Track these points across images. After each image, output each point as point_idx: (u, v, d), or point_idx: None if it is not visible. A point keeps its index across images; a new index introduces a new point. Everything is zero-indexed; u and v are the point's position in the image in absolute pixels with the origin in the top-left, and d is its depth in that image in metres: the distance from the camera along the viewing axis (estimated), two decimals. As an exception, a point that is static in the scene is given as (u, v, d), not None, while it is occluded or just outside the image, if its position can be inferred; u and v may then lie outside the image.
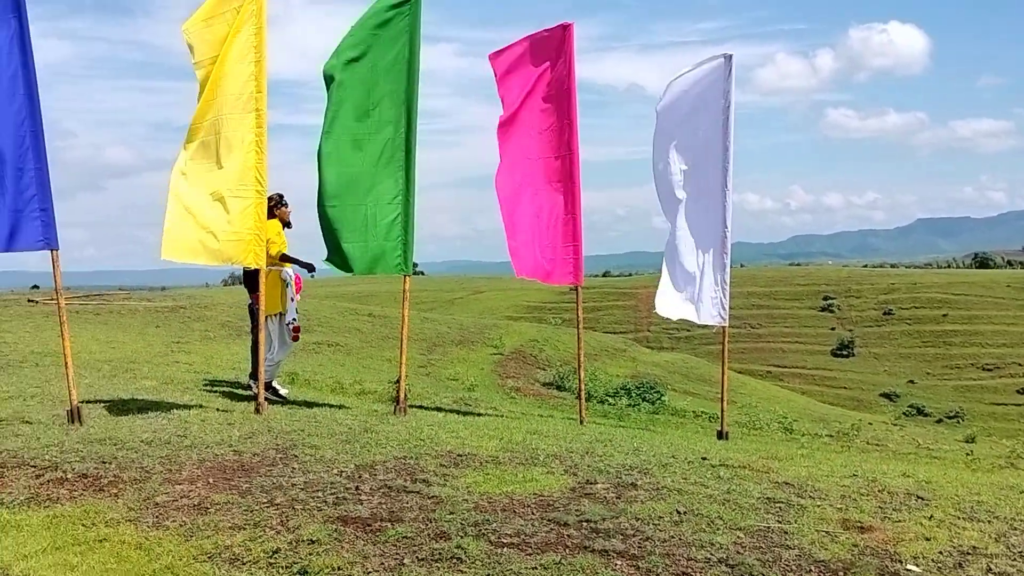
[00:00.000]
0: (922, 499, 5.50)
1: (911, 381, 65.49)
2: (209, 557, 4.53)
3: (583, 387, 10.36)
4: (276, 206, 9.59)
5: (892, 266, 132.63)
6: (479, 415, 9.95)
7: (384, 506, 5.07)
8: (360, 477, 5.66)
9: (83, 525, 5.06)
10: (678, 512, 4.98)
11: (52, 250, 7.73)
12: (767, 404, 25.72)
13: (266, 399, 9.27)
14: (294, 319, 9.77)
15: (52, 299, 25.46)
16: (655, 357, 31.10)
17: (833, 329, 76.29)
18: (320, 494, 5.29)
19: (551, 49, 9.51)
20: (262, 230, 8.41)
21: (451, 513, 4.91)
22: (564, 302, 74.52)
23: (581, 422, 9.61)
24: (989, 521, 5.06)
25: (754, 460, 6.52)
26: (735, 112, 9.66)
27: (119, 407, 8.59)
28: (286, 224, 9.85)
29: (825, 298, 79.78)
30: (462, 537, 4.56)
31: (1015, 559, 4.41)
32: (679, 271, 9.81)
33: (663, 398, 19.48)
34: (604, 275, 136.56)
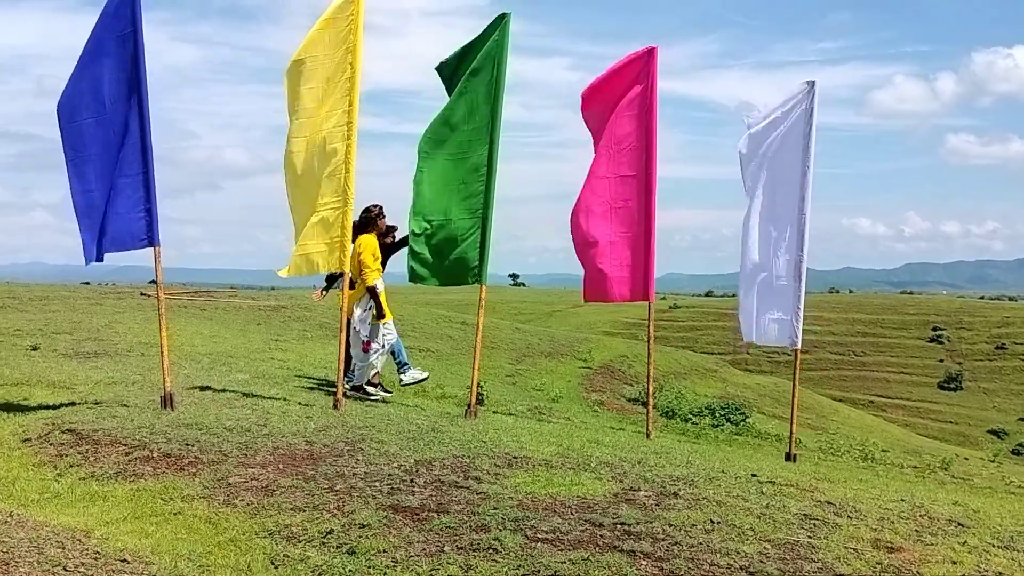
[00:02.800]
0: (962, 526, 5.57)
1: (1022, 419, 63.02)
2: (269, 534, 4.94)
3: (651, 401, 10.51)
4: (379, 216, 10.05)
5: (1010, 299, 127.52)
6: (549, 423, 10.25)
7: (434, 498, 5.42)
8: (417, 471, 6.03)
9: (162, 499, 5.55)
10: (712, 521, 5.19)
11: (155, 247, 8.35)
12: (858, 433, 25.28)
13: (351, 396, 9.83)
14: (367, 336, 10.22)
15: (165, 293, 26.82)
16: (747, 379, 30.85)
17: (941, 361, 73.99)
18: (377, 484, 5.67)
19: (636, 72, 9.77)
20: (347, 238, 8.89)
21: (494, 508, 5.22)
22: (662, 320, 74.15)
23: (648, 436, 9.80)
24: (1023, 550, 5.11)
25: (803, 480, 6.64)
26: (816, 137, 9.76)
27: (210, 396, 9.17)
28: (384, 235, 10.28)
29: (934, 328, 77.43)
30: (500, 530, 4.87)
31: (1039, 587, 4.49)
32: (755, 293, 9.93)
33: (747, 420, 19.41)
34: (707, 295, 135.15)
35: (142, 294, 25.49)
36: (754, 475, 6.64)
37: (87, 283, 39.53)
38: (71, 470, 6.25)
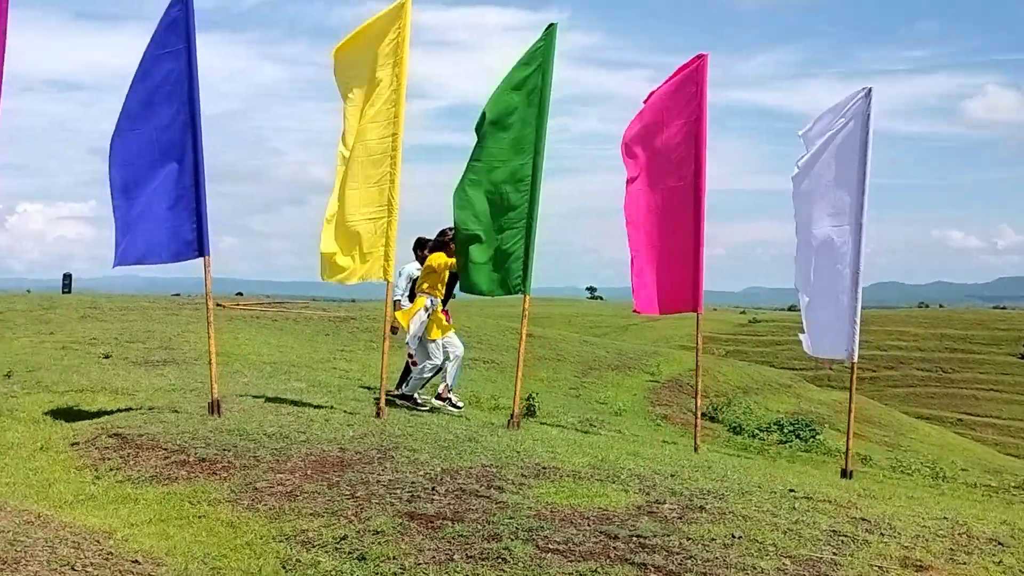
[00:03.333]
0: (1002, 545, 5.33)
1: (1120, 439, 60.27)
2: (286, 538, 4.99)
3: (699, 413, 10.34)
4: (453, 240, 10.00)
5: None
6: (596, 435, 10.15)
7: (452, 507, 5.40)
8: (440, 480, 6.02)
9: (190, 502, 5.65)
10: (733, 536, 5.06)
11: (204, 257, 8.54)
12: (937, 451, 24.49)
13: (401, 404, 9.98)
14: (413, 352, 10.58)
15: (239, 304, 27.39)
16: (822, 395, 30.13)
17: (1034, 378, 71.22)
18: (398, 491, 5.68)
19: (686, 80, 9.67)
20: (391, 247, 8.97)
21: (510, 518, 5.18)
22: (741, 334, 73.04)
23: (695, 450, 9.64)
24: (1064, 573, 4.88)
25: (844, 496, 6.45)
26: (872, 144, 9.53)
27: (260, 404, 9.33)
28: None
29: (1027, 345, 74.57)
30: (512, 540, 4.83)
31: (1072, 611, 4.27)
32: (812, 304, 9.73)
33: (817, 436, 18.93)
34: (789, 309, 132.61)
35: (218, 305, 26.08)
36: (792, 490, 6.46)
37: (177, 295, 40.67)
38: (109, 473, 6.41)
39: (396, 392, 10.92)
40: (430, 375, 10.72)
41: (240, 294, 39.46)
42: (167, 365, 13.79)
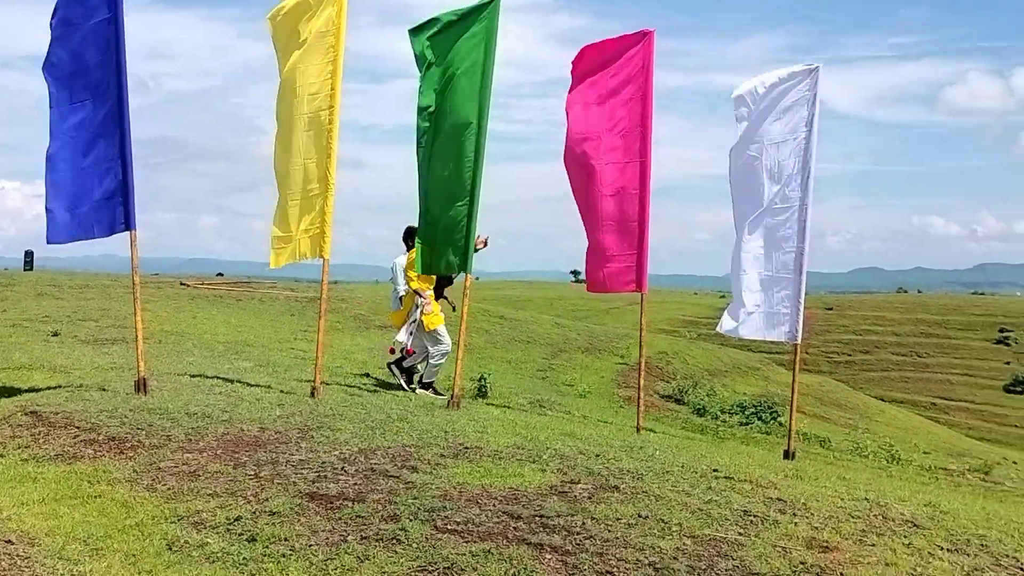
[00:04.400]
0: (917, 527, 5.24)
1: (1092, 423, 60.83)
2: (178, 519, 4.84)
3: (641, 395, 10.21)
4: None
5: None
6: (539, 415, 10.03)
7: (356, 487, 5.27)
8: (354, 460, 5.89)
9: (88, 482, 5.49)
10: (640, 516, 4.95)
11: (131, 231, 8.34)
12: (901, 434, 24.55)
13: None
14: (402, 342, 10.60)
15: (203, 283, 27.13)
16: (789, 378, 30.16)
17: (1008, 363, 71.72)
18: (305, 471, 5.54)
19: (630, 56, 9.50)
20: (328, 224, 8.79)
21: (414, 499, 5.05)
22: (717, 317, 72.99)
23: (637, 430, 9.53)
24: (974, 555, 4.78)
25: (767, 476, 6.35)
26: (819, 124, 9.40)
27: (196, 383, 9.15)
28: None
29: (1001, 330, 75.15)
30: (411, 521, 4.70)
31: (971, 593, 4.18)
32: (749, 285, 9.58)
33: (778, 418, 18.92)
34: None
35: (182, 283, 25.82)
36: (715, 470, 6.36)
37: (156, 274, 40.16)
38: (16, 451, 6.24)
39: (404, 376, 10.92)
40: (443, 360, 10.79)
41: (221, 274, 39.05)
42: (115, 344, 13.58)
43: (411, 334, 10.57)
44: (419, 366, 10.98)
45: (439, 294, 10.93)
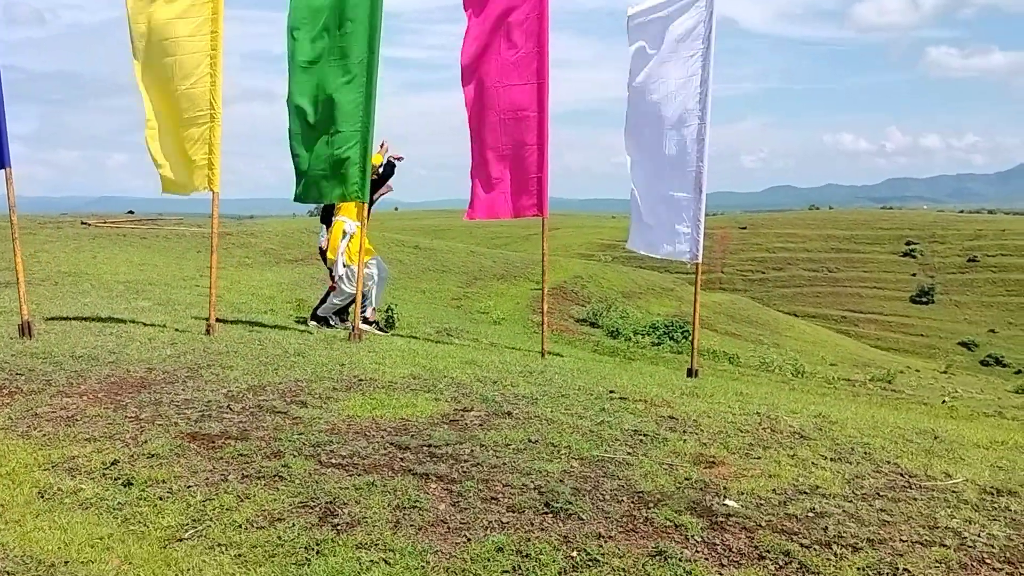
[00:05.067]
0: (804, 438, 5.34)
1: (992, 330, 63.57)
2: (52, 466, 4.66)
3: (546, 319, 10.19)
4: None
5: (990, 212, 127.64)
6: (444, 344, 9.96)
7: (241, 425, 5.14)
8: (242, 397, 5.75)
9: (-41, 432, 5.24)
10: (529, 441, 4.93)
11: (6, 169, 7.93)
12: (810, 347, 25.30)
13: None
14: (339, 274, 10.28)
15: (106, 222, 26.28)
16: (704, 297, 30.58)
17: (914, 275, 74.33)
18: (188, 411, 5.39)
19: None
20: (215, 155, 8.48)
21: (300, 434, 4.95)
22: (636, 241, 73.66)
23: (543, 355, 9.54)
24: (856, 462, 4.88)
25: (662, 394, 6.40)
26: (715, 41, 9.32)
27: (86, 325, 8.84)
28: (377, 171, 10.15)
29: (908, 243, 77.62)
30: (294, 456, 4.61)
31: (849, 499, 4.26)
32: (649, 205, 9.56)
33: (690, 338, 19.25)
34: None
35: (83, 223, 24.97)
36: (612, 391, 6.39)
37: (64, 214, 38.61)
38: None
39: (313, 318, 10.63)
40: (344, 303, 10.51)
41: (131, 212, 37.75)
42: (8, 287, 13.06)
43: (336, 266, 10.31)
44: (371, 295, 10.60)
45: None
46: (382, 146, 10.29)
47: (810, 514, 4.08)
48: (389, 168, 10.51)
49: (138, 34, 8.44)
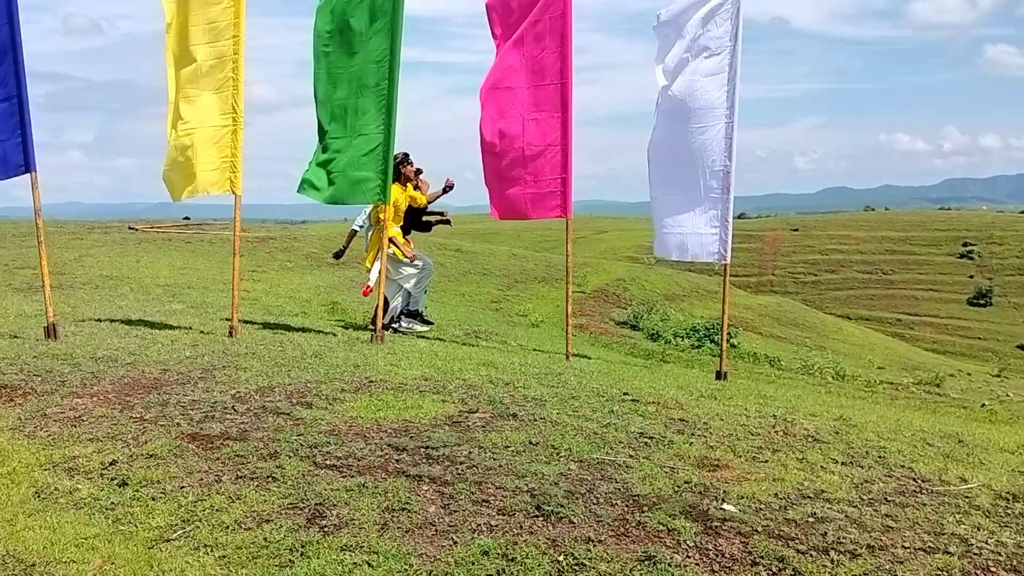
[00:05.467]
0: (818, 441, 5.18)
1: (1052, 333, 61.81)
2: (52, 466, 4.68)
3: (569, 320, 10.08)
4: (401, 164, 9.88)
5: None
6: (470, 346, 9.90)
7: (242, 426, 5.12)
8: (248, 398, 5.74)
9: (-31, 431, 5.30)
10: (530, 443, 4.85)
11: (31, 173, 8.04)
12: (858, 351, 24.80)
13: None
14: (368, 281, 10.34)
15: (152, 227, 26.70)
16: (748, 300, 30.34)
17: (971, 277, 72.58)
18: (192, 412, 5.39)
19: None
20: (237, 159, 8.51)
21: (299, 435, 4.92)
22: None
23: (567, 357, 9.43)
24: (868, 467, 4.72)
25: (678, 397, 6.28)
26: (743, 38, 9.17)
27: (114, 327, 8.94)
28: (410, 183, 10.31)
29: (965, 244, 75.87)
30: (289, 458, 4.57)
31: (854, 504, 4.11)
32: (675, 206, 9.42)
33: (731, 340, 18.98)
34: (739, 216, 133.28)
35: (130, 228, 25.39)
36: (626, 394, 6.28)
37: (122, 220, 39.29)
38: (-97, 404, 6.03)
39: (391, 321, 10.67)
40: (421, 291, 10.75)
41: (187, 218, 38.45)
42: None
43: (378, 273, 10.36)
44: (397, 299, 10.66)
45: (407, 232, 10.71)
46: (419, 176, 10.37)
47: (810, 519, 3.94)
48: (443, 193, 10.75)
49: (173, 40, 8.54)
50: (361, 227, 10.87)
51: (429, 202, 10.69)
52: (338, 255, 11.58)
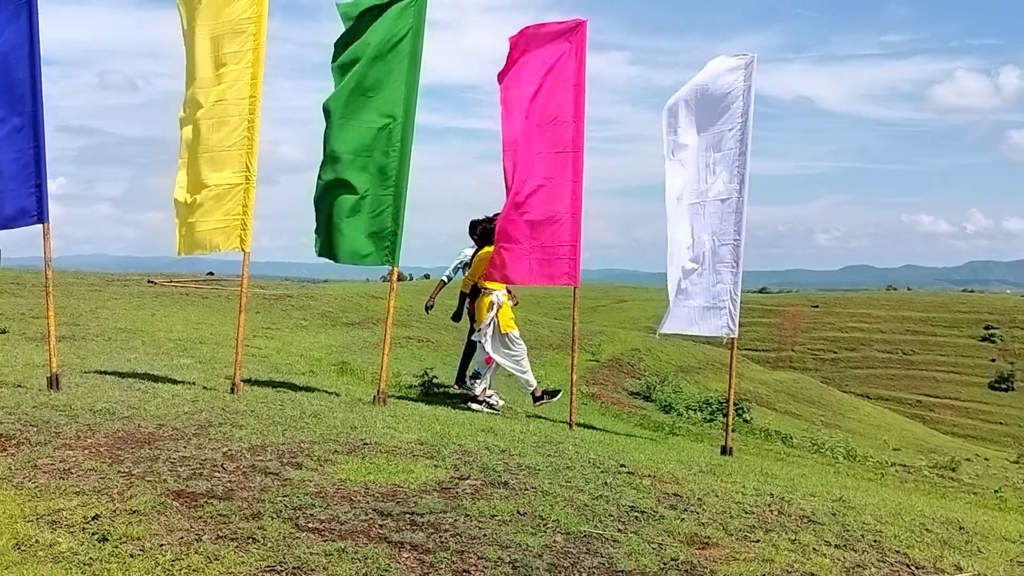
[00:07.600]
0: (813, 522, 5.08)
1: (1076, 421, 60.90)
2: (36, 518, 4.63)
3: (574, 390, 10.02)
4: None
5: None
6: (468, 411, 9.83)
7: (229, 484, 5.07)
8: (239, 456, 5.69)
9: (-43, 480, 5.27)
10: (518, 513, 4.77)
11: (43, 224, 8.13)
12: (873, 431, 24.46)
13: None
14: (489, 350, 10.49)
15: (171, 281, 26.88)
16: (765, 375, 30.03)
17: (993, 360, 71.92)
18: (181, 469, 5.34)
19: (563, 45, 9.32)
20: (248, 217, 8.58)
21: (284, 496, 4.87)
22: (703, 316, 72.71)
23: (570, 426, 9.35)
24: (862, 551, 4.62)
25: (674, 471, 6.19)
26: (754, 114, 9.25)
27: (118, 380, 8.95)
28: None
29: (987, 327, 75.27)
30: (272, 519, 4.51)
31: (842, 591, 4.01)
32: (684, 281, 9.41)
33: (744, 415, 18.78)
34: (760, 291, 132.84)
35: (149, 281, 25.59)
36: (622, 465, 6.20)
37: (147, 273, 39.68)
38: None
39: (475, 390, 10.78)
40: (522, 364, 11.00)
41: (211, 273, 38.81)
42: (61, 341, 13.34)
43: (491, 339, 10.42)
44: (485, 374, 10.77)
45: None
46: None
47: (797, 604, 3.85)
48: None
49: (193, 100, 8.68)
50: (446, 278, 11.60)
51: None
52: (456, 317, 11.79)
